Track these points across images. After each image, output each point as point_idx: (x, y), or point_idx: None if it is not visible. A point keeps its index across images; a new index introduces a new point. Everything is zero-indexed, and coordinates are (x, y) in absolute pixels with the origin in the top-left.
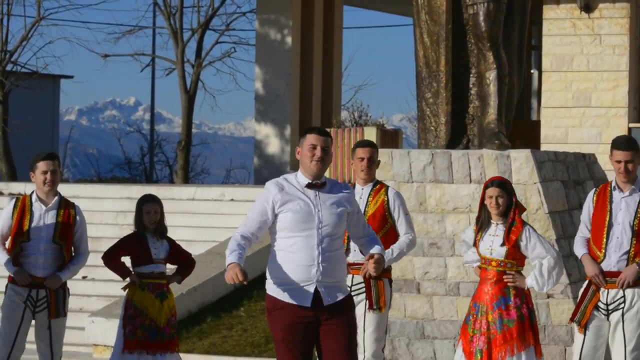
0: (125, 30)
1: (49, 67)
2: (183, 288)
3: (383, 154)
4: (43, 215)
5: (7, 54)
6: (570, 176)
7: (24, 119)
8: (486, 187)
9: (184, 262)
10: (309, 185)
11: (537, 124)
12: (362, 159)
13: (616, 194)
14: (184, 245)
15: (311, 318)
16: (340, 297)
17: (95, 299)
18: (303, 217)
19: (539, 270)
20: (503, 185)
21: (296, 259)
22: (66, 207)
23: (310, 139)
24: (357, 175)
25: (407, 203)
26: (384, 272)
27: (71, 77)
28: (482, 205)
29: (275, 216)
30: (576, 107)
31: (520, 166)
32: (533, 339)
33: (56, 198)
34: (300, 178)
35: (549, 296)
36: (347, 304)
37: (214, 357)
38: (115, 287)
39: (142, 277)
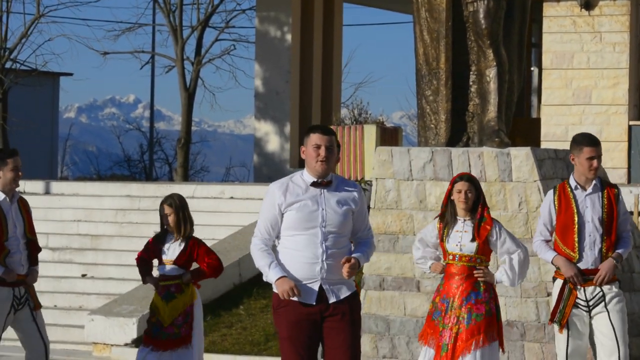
0: (124, 27)
1: (48, 65)
2: None
3: (383, 152)
4: (13, 212)
5: (6, 51)
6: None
7: (23, 117)
8: (454, 182)
9: (199, 268)
10: (314, 184)
11: (537, 121)
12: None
13: (579, 193)
14: None
15: (316, 315)
16: (345, 294)
17: (94, 297)
18: (307, 215)
19: (509, 265)
20: (472, 180)
21: (301, 257)
22: (21, 201)
23: (314, 138)
24: None
25: (407, 201)
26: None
27: (71, 74)
28: (449, 201)
29: (282, 216)
30: (576, 104)
31: (520, 164)
32: (497, 333)
33: (17, 195)
34: (306, 177)
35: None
36: (352, 302)
37: (213, 355)
38: (114, 285)
39: (159, 279)
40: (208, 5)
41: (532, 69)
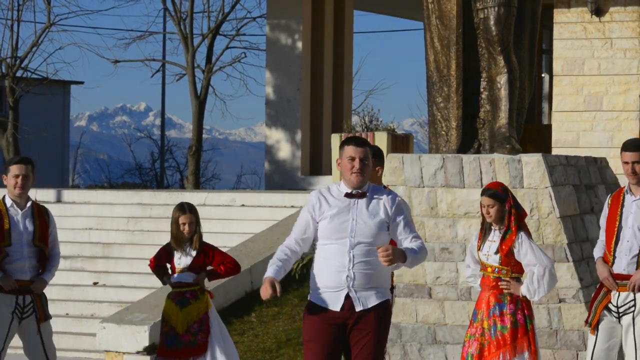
0: (135, 35)
1: (59, 73)
2: None
3: (394, 159)
4: (21, 219)
5: (17, 60)
6: (582, 180)
7: (34, 125)
8: (481, 194)
9: (214, 269)
10: (347, 195)
11: (548, 128)
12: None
13: (628, 198)
14: None
15: (340, 322)
16: (373, 303)
17: (106, 305)
18: (337, 225)
19: (530, 279)
20: (494, 194)
21: (329, 265)
22: (39, 210)
23: (349, 150)
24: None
25: (418, 208)
26: None
27: (81, 82)
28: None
29: (317, 224)
30: (587, 111)
31: (531, 170)
32: (527, 345)
33: (29, 202)
34: (342, 187)
35: (560, 301)
36: (380, 311)
37: None
38: (126, 293)
39: (172, 286)
40: (219, 13)
41: (542, 75)
